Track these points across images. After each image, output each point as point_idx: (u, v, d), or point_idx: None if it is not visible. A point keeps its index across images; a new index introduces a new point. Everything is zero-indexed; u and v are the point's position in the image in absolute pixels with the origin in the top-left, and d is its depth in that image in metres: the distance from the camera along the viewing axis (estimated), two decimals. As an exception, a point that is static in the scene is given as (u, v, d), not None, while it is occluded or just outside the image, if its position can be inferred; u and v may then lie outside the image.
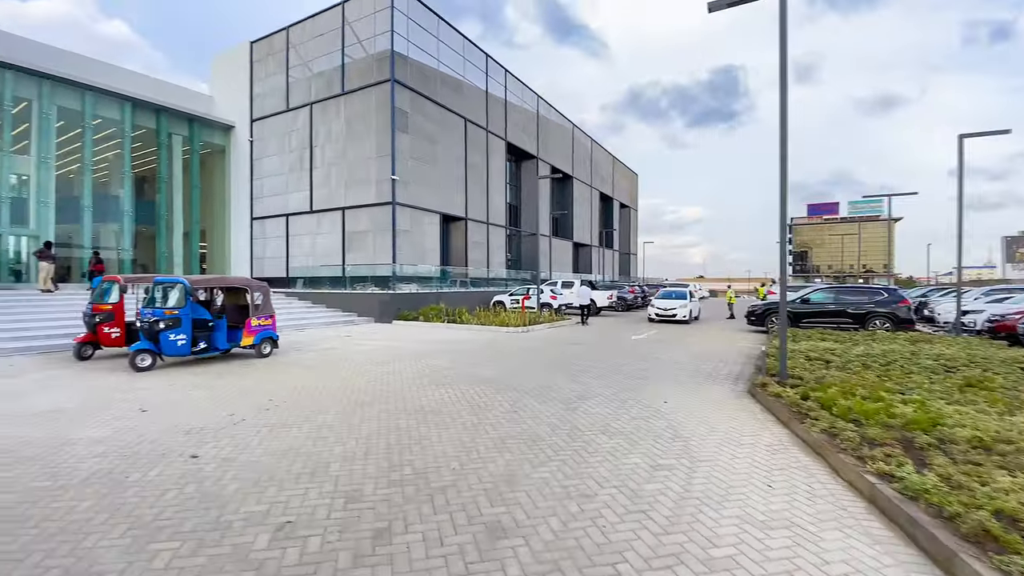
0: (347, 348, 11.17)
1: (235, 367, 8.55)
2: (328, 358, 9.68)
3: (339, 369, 8.51)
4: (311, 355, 10.04)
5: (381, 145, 21.27)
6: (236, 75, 26.59)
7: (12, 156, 19.93)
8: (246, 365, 8.77)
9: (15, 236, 20.34)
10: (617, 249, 49.79)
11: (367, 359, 9.59)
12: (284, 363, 9.03)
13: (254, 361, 9.16)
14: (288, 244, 24.34)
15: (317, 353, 10.29)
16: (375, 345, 11.73)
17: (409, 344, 11.93)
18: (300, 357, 9.75)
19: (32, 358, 9.34)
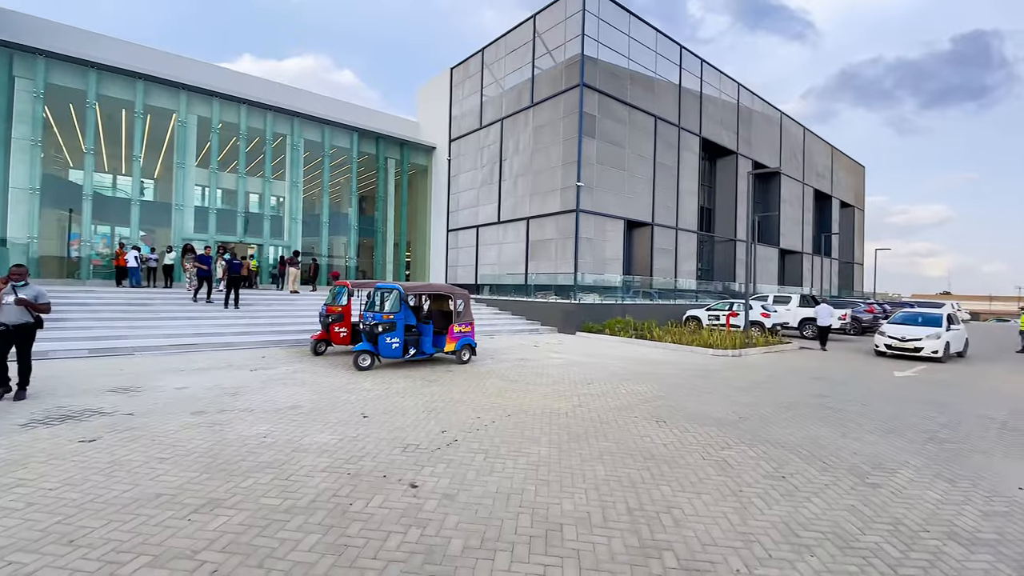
0: (539, 360, 10.60)
1: (440, 373, 8.51)
2: (523, 371, 9.15)
3: (537, 385, 7.83)
4: (505, 365, 9.67)
5: (567, 152, 20.90)
6: (437, 101, 29.30)
7: (272, 182, 24.85)
8: (449, 371, 8.70)
9: (274, 247, 25.30)
10: (836, 257, 41.76)
11: (563, 375, 8.79)
12: (483, 373, 8.74)
13: (455, 368, 9.09)
14: (477, 253, 25.64)
15: (511, 364, 9.89)
16: (566, 359, 10.95)
17: (602, 361, 10.86)
18: (496, 367, 9.43)
19: (283, 350, 10.81)
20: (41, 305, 5.88)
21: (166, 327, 11.44)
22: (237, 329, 11.99)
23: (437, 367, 9.20)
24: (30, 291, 5.84)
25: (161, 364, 8.61)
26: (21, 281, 5.84)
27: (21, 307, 5.69)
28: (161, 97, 21.03)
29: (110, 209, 23.48)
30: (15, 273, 5.83)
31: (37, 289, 5.95)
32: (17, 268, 5.88)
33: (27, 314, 5.77)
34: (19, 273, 5.85)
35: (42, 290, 6.00)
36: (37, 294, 5.89)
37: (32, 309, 5.80)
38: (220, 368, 8.38)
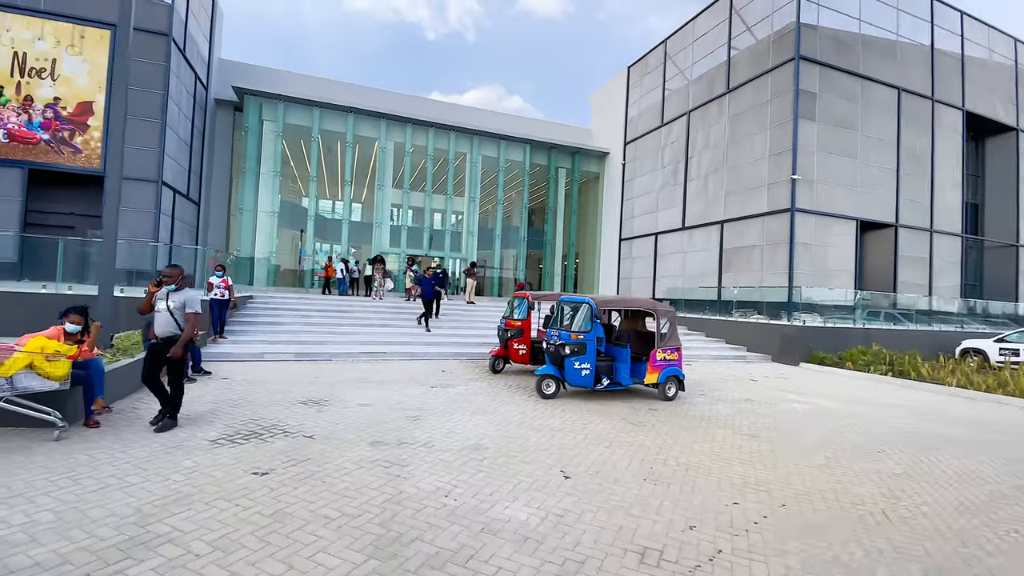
0: (771, 403, 8.03)
1: (643, 413, 6.71)
2: (757, 419, 6.80)
3: (793, 446, 5.49)
4: (726, 407, 7.40)
5: (776, 140, 17.33)
6: (611, 104, 27.72)
7: (453, 198, 25.96)
8: (653, 411, 6.83)
9: (452, 259, 26.37)
10: None
11: (826, 433, 6.21)
12: (700, 417, 6.66)
13: (659, 406, 7.18)
14: (655, 264, 23.14)
15: (733, 406, 7.57)
16: (810, 404, 8.14)
17: (868, 411, 7.79)
18: (715, 409, 7.24)
19: (461, 364, 10.20)
20: (189, 315, 4.84)
21: (361, 334, 11.84)
22: (421, 339, 11.90)
23: (635, 401, 7.40)
24: (180, 297, 4.85)
25: (352, 372, 8.51)
26: (172, 285, 4.86)
27: (171, 317, 4.80)
28: (366, 127, 23.51)
29: (327, 229, 27.14)
30: (168, 276, 4.88)
31: (187, 294, 4.90)
32: (171, 270, 4.89)
33: (175, 325, 4.82)
34: (171, 275, 4.87)
35: (194, 295, 4.94)
36: (186, 300, 4.86)
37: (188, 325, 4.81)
38: (403, 382, 7.88)
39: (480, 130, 24.99)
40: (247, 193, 21.84)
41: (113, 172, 6.76)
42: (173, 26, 17.50)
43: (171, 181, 18.37)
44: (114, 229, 6.69)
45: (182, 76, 18.90)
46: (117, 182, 6.73)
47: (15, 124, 15.56)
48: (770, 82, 17.86)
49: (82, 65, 16.17)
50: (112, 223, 6.66)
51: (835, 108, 17.61)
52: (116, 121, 6.83)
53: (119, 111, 6.93)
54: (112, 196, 6.70)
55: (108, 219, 6.64)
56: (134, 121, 16.91)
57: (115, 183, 6.70)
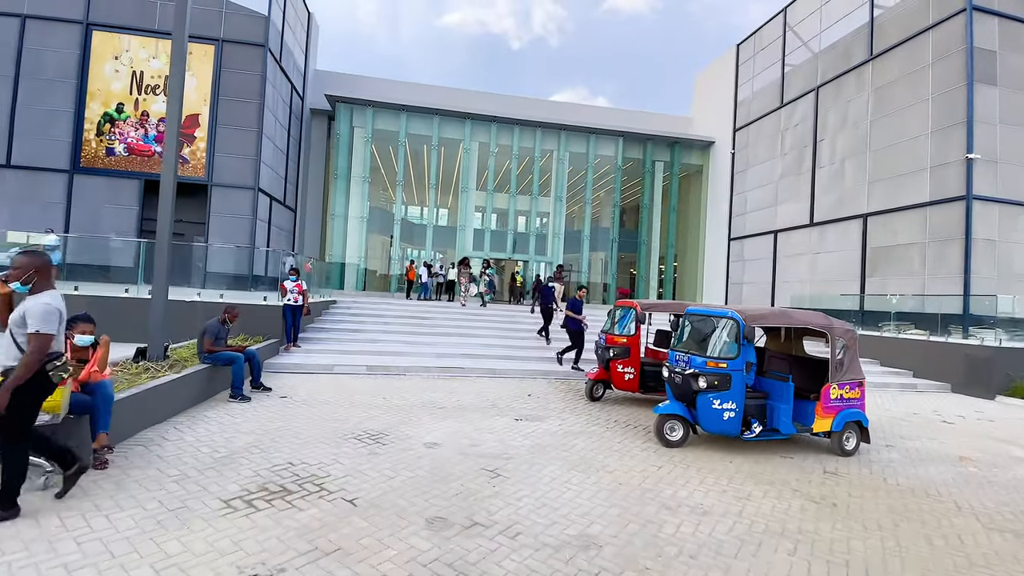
0: (996, 463, 5.54)
1: (819, 480, 4.66)
2: (998, 494, 4.48)
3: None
4: (934, 470, 5.09)
5: (942, 112, 13.83)
6: (717, 88, 24.74)
7: (539, 199, 24.51)
8: (837, 479, 4.74)
9: (537, 263, 24.90)
10: None
11: None
12: (907, 488, 4.49)
13: (840, 467, 5.05)
14: (775, 266, 19.93)
15: (942, 466, 5.24)
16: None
17: None
18: (920, 473, 4.98)
19: (550, 384, 8.63)
20: (30, 336, 2.92)
21: (439, 344, 10.74)
22: (502, 352, 10.51)
23: (798, 455, 5.34)
24: (21, 308, 3.00)
25: (424, 391, 7.28)
26: (19, 283, 3.06)
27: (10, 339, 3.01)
28: (451, 128, 22.91)
29: (414, 233, 27.05)
30: (15, 269, 3.06)
31: (31, 304, 2.99)
32: (21, 259, 3.07)
33: (15, 352, 2.97)
34: (19, 268, 3.06)
35: (39, 306, 2.95)
36: (25, 312, 2.96)
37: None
38: (481, 409, 6.47)
39: (568, 124, 23.38)
40: (338, 199, 22.12)
41: (168, 166, 6.07)
42: (269, 37, 17.97)
43: (267, 188, 18.88)
44: (167, 229, 5.96)
45: (278, 86, 19.44)
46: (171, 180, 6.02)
47: (134, 138, 16.70)
48: (931, 41, 14.35)
49: (189, 80, 17.02)
50: (166, 221, 5.95)
51: (1021, 69, 13.70)
52: (172, 122, 6.14)
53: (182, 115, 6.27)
54: (167, 194, 5.99)
55: (162, 217, 5.95)
56: (232, 130, 17.55)
57: (169, 181, 5.98)
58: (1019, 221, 13.58)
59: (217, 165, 17.38)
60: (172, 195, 6.05)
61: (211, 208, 17.31)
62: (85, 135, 16.71)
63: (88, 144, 16.70)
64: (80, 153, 16.70)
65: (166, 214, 6.01)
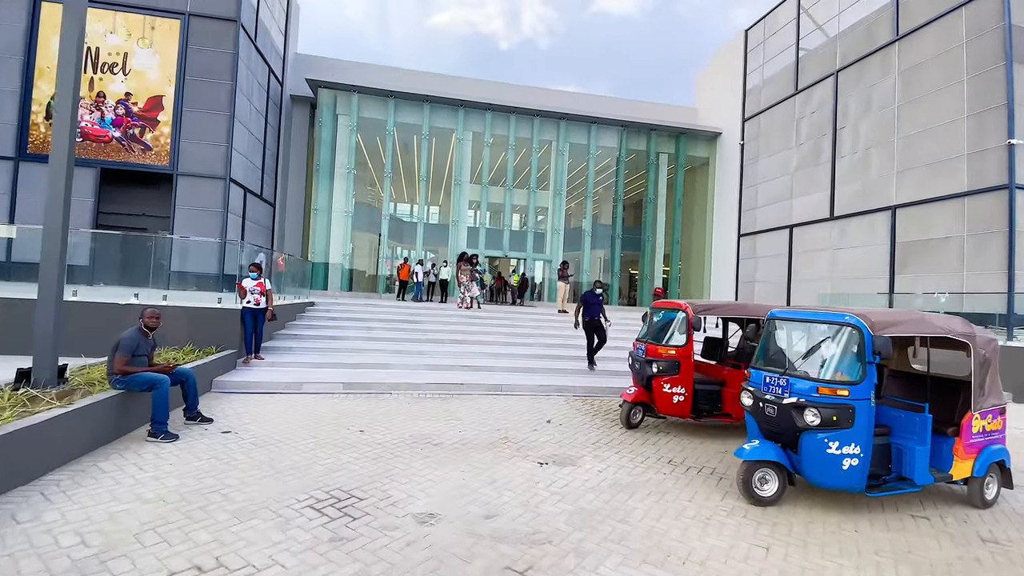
0: None
1: (979, 555, 3.22)
2: None
3: None
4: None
5: (979, 94, 12.59)
6: (724, 77, 23.45)
7: (537, 192, 22.99)
8: (1003, 549, 3.30)
9: (535, 262, 23.41)
10: None
11: None
12: None
13: (992, 529, 3.62)
14: (791, 263, 18.63)
15: None
16: None
17: None
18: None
19: (570, 404, 7.13)
20: None
21: (433, 354, 9.21)
22: (509, 363, 9.00)
23: (931, 508, 3.90)
24: None
25: (416, 421, 5.74)
26: None
27: None
28: (443, 116, 21.34)
29: (403, 231, 25.47)
30: None
31: None
32: None
33: None
34: None
35: None
36: None
37: None
38: (491, 446, 4.95)
39: (567, 113, 21.93)
40: (321, 192, 20.44)
41: (62, 123, 4.48)
42: (243, 12, 16.28)
43: (241, 179, 17.18)
44: (60, 210, 4.38)
45: (253, 67, 17.75)
46: (64, 156, 4.45)
47: (88, 122, 14.93)
48: (965, 18, 13.12)
49: (152, 58, 15.30)
50: (58, 200, 4.36)
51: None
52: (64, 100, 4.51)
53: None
54: (57, 179, 4.40)
55: (54, 195, 4.36)
56: (201, 114, 15.83)
57: (61, 157, 4.40)
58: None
59: (184, 152, 15.65)
60: (66, 163, 4.46)
61: (176, 200, 15.56)
62: (33, 118, 14.92)
63: (36, 128, 14.91)
64: (27, 138, 14.90)
65: (58, 192, 4.43)
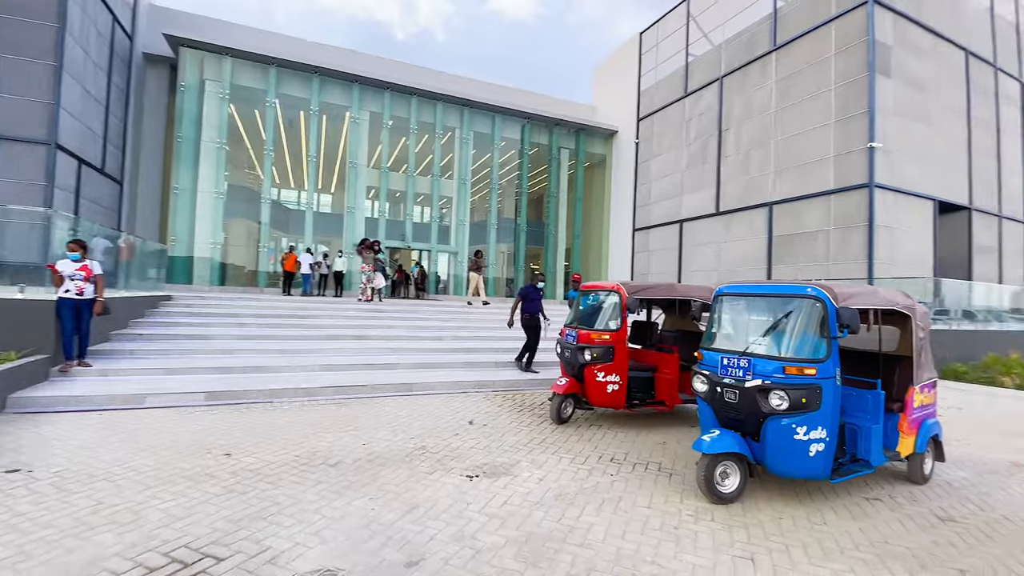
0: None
1: (951, 537, 3.07)
2: None
3: None
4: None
5: (847, 101, 14.12)
6: (620, 77, 24.31)
7: (441, 181, 21.96)
8: (962, 526, 3.20)
9: (440, 254, 22.39)
10: None
11: None
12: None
13: (943, 505, 3.56)
14: (680, 256, 19.76)
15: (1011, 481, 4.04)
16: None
17: None
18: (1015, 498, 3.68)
19: (490, 401, 6.40)
20: None
21: (325, 352, 7.91)
22: (416, 358, 8.01)
23: (878, 489, 3.79)
24: None
25: (307, 435, 4.60)
26: None
27: None
28: (335, 92, 19.37)
29: (289, 219, 22.85)
30: None
31: None
32: None
33: None
34: None
35: None
36: None
37: None
38: (406, 459, 4.03)
39: (472, 100, 21.16)
40: (183, 170, 17.41)
41: None
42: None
43: (74, 147, 13.91)
44: None
45: (90, 11, 14.45)
46: None
47: None
48: (834, 32, 14.67)
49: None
50: None
51: (908, 66, 14.55)
52: None
53: None
54: None
55: None
56: (15, 60, 12.51)
57: None
58: (904, 211, 14.35)
59: (-14, 107, 12.20)
60: None
61: None
62: None
63: None
64: None
65: None
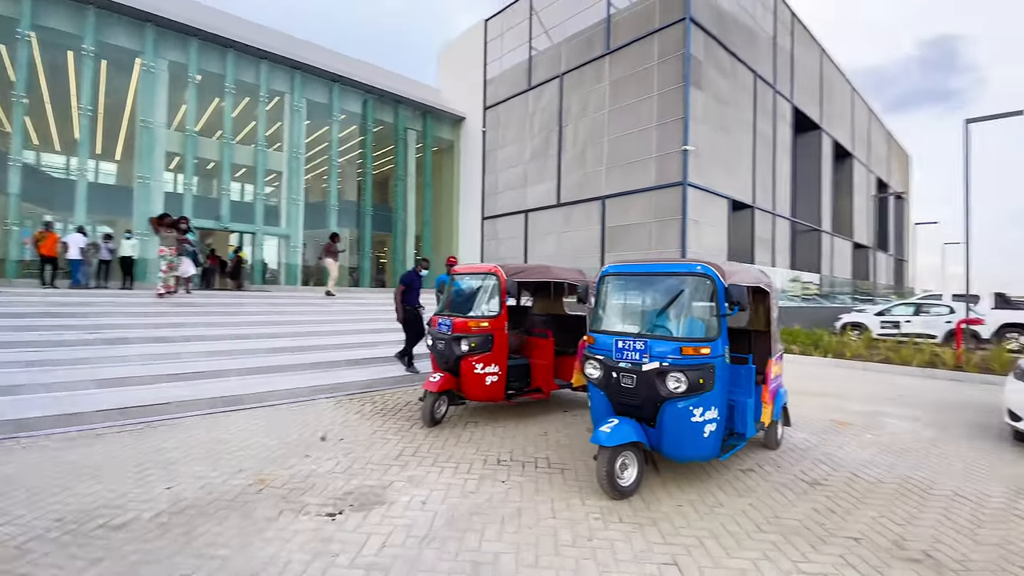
0: (870, 427, 5.53)
1: (829, 503, 3.36)
2: (894, 464, 4.08)
3: None
4: (850, 450, 4.57)
5: (667, 107, 15.91)
6: (466, 62, 24.04)
7: (268, 153, 19.18)
8: (829, 488, 3.54)
9: (269, 237, 19.64)
10: (892, 253, 37.73)
11: None
12: (908, 488, 3.62)
13: (804, 469, 3.93)
14: (526, 245, 20.46)
15: (849, 441, 4.81)
16: (867, 409, 5.90)
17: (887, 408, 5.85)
18: (859, 460, 4.32)
19: (340, 407, 5.50)
20: None
21: (106, 362, 6.02)
22: (245, 362, 6.59)
23: (741, 460, 4.06)
24: None
25: (68, 490, 3.23)
26: None
27: None
28: (119, 32, 15.32)
29: (52, 189, 17.66)
30: None
31: None
32: None
33: None
34: None
35: None
36: None
37: None
38: (236, 506, 3.04)
39: (305, 63, 18.77)
40: None
41: None
42: None
43: None
44: None
45: None
46: None
47: None
48: (657, 44, 16.38)
49: None
50: None
51: (715, 81, 17.01)
52: None
53: None
54: None
55: None
56: None
57: None
58: (708, 207, 16.83)
59: None
60: None
61: None
62: None
63: None
64: None
65: None
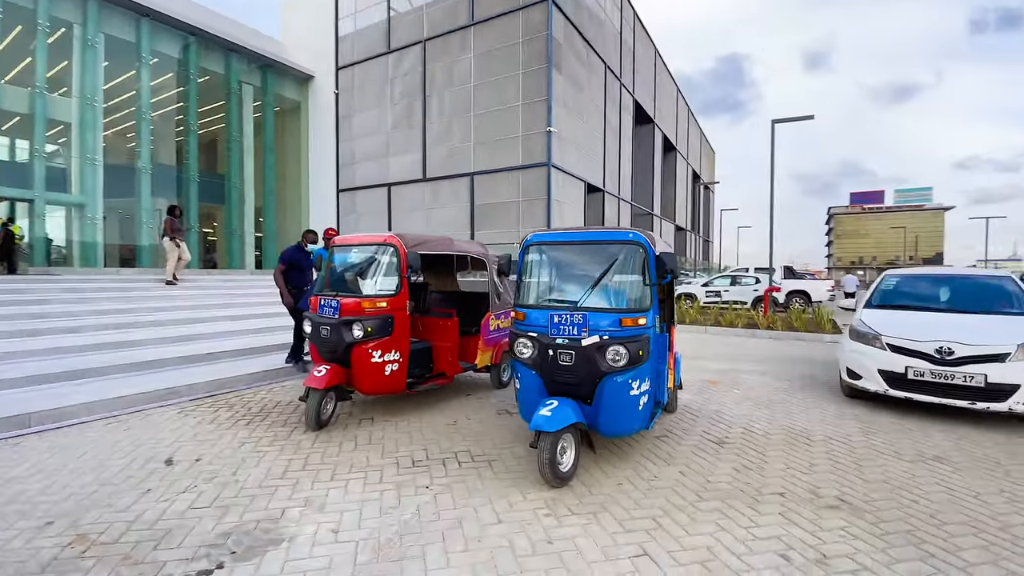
0: (737, 383, 6.24)
1: (724, 469, 3.62)
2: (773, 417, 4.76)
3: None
4: (726, 408, 5.12)
5: (531, 87, 16.18)
6: (314, 16, 21.48)
7: (51, 99, 14.90)
8: (730, 446, 3.83)
9: (54, 206, 15.38)
10: (702, 235, 44.62)
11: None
12: (803, 439, 4.09)
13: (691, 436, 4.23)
14: (390, 221, 19.36)
15: (722, 398, 5.37)
16: (728, 368, 6.78)
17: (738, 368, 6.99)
18: (740, 416, 4.83)
19: (199, 414, 4.43)
20: None
21: None
22: (36, 366, 4.93)
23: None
24: None
25: None
26: None
27: None
28: None
29: None
30: None
31: None
32: None
33: None
34: None
35: None
36: None
37: None
38: (61, 568, 2.16)
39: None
40: None
41: None
42: None
43: None
44: None
45: None
46: None
47: None
48: (522, 20, 16.44)
49: None
50: None
51: (573, 66, 17.74)
52: None
53: None
54: None
55: None
56: None
57: None
58: (568, 189, 17.75)
59: None
60: None
61: None
62: None
63: None
64: None
65: None
